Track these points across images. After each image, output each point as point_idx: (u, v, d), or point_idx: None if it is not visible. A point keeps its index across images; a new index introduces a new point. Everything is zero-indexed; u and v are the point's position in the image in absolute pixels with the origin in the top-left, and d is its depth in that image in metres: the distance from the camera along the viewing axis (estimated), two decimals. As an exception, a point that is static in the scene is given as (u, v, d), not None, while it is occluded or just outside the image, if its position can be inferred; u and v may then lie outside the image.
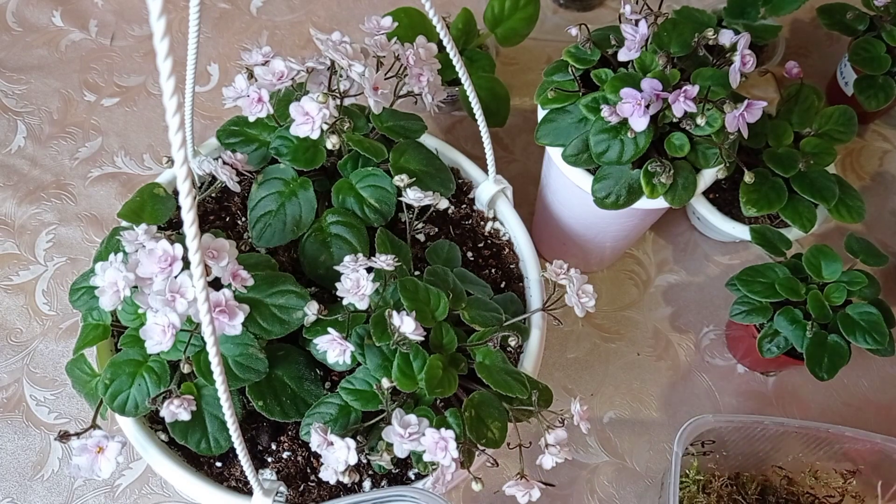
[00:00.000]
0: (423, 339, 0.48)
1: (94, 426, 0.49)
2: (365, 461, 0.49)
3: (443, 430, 0.45)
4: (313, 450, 0.47)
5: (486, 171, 0.63)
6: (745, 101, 0.54)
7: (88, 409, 0.64)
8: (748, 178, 0.64)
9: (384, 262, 0.50)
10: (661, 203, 0.58)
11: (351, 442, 0.46)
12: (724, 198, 0.75)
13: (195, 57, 0.48)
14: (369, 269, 0.50)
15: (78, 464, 0.47)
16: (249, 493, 0.50)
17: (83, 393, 0.53)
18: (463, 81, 0.53)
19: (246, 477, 0.53)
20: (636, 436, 0.71)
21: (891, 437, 0.59)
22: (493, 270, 0.63)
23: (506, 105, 0.73)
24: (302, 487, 0.53)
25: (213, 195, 0.63)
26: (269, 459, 0.54)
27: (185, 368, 0.49)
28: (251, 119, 0.56)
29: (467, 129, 0.86)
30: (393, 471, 0.53)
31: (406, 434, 0.45)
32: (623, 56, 0.58)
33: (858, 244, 0.66)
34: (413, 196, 0.55)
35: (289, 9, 0.94)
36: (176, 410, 0.47)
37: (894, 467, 0.61)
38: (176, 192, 0.61)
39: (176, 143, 0.29)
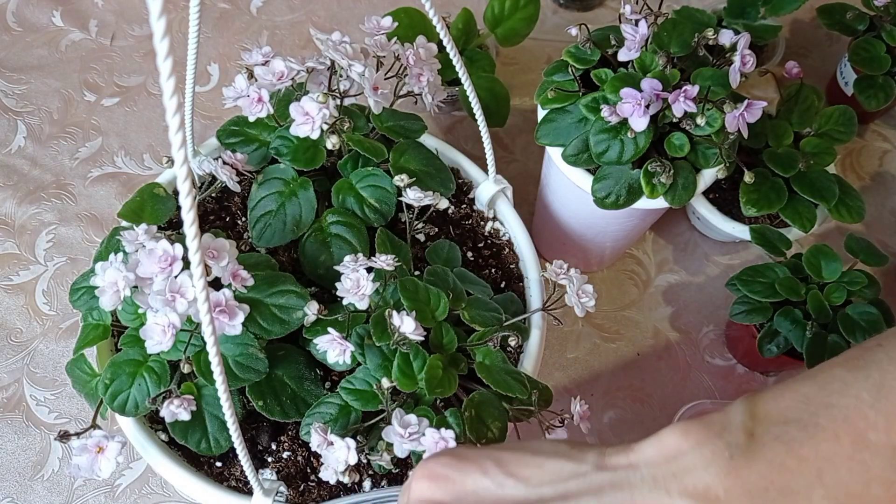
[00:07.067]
0: (423, 339, 0.48)
1: (94, 426, 0.49)
2: (365, 461, 0.49)
3: (443, 429, 0.45)
4: (313, 450, 0.47)
5: (486, 171, 0.63)
6: (745, 101, 0.54)
7: (88, 409, 0.64)
8: (748, 178, 0.64)
9: (384, 262, 0.50)
10: (661, 203, 0.58)
11: (351, 442, 0.46)
12: (724, 198, 0.75)
13: (195, 57, 0.48)
14: (369, 269, 0.50)
15: (78, 464, 0.47)
16: (249, 493, 0.50)
17: (83, 393, 0.53)
18: (463, 81, 0.53)
19: (246, 477, 0.53)
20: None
21: None
22: (493, 270, 0.63)
23: (506, 105, 0.73)
24: (302, 487, 0.53)
25: (213, 195, 0.63)
26: (269, 459, 0.54)
27: (185, 368, 0.49)
28: (251, 119, 0.56)
29: (467, 129, 0.86)
30: (393, 471, 0.53)
31: (406, 434, 0.45)
32: (623, 56, 0.58)
33: (858, 244, 0.66)
34: (413, 196, 0.55)
35: (289, 9, 0.94)
36: (176, 410, 0.47)
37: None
38: (176, 192, 0.61)
39: (176, 143, 0.29)
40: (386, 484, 0.53)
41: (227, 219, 0.62)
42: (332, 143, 0.54)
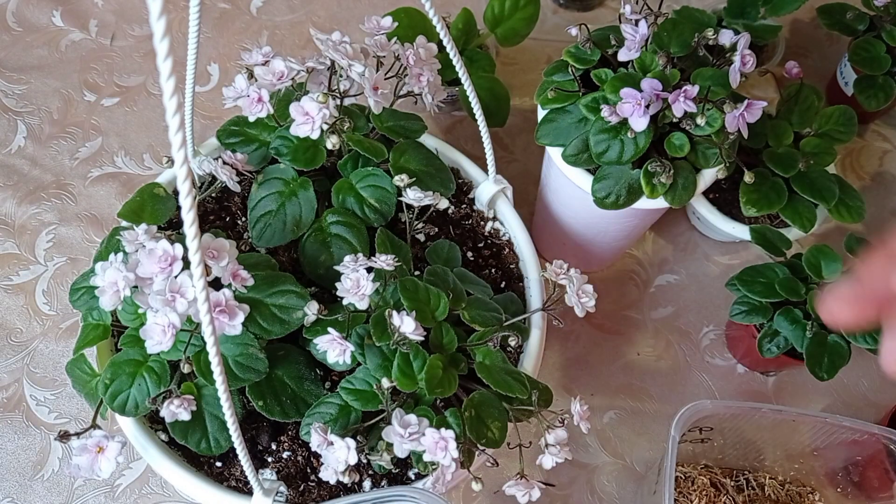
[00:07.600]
0: (423, 339, 0.48)
1: (94, 426, 0.49)
2: (365, 461, 0.49)
3: (443, 429, 0.45)
4: (313, 450, 0.47)
5: (486, 171, 0.63)
6: (745, 101, 0.54)
7: (88, 409, 0.64)
8: (748, 178, 0.64)
9: (384, 262, 0.50)
10: (661, 203, 0.58)
11: (351, 442, 0.46)
12: (724, 198, 0.75)
13: (195, 57, 0.48)
14: (369, 269, 0.50)
15: (78, 464, 0.47)
16: (249, 493, 0.50)
17: (83, 393, 0.53)
18: (463, 81, 0.53)
19: (246, 477, 0.53)
20: (636, 435, 0.71)
21: (887, 428, 0.59)
22: (493, 270, 0.63)
23: (506, 105, 0.73)
24: (302, 487, 0.53)
25: (213, 195, 0.63)
26: (269, 459, 0.54)
27: (185, 368, 0.49)
28: (251, 119, 0.56)
29: (467, 129, 0.86)
30: (393, 471, 0.53)
31: (406, 434, 0.45)
32: (623, 56, 0.58)
33: (858, 244, 0.66)
34: (413, 196, 0.55)
35: (289, 9, 0.94)
36: (176, 410, 0.47)
37: (891, 459, 0.61)
38: (176, 192, 0.61)
39: (176, 143, 0.29)
40: (386, 484, 0.53)
41: (227, 219, 0.62)
42: (332, 143, 0.54)
